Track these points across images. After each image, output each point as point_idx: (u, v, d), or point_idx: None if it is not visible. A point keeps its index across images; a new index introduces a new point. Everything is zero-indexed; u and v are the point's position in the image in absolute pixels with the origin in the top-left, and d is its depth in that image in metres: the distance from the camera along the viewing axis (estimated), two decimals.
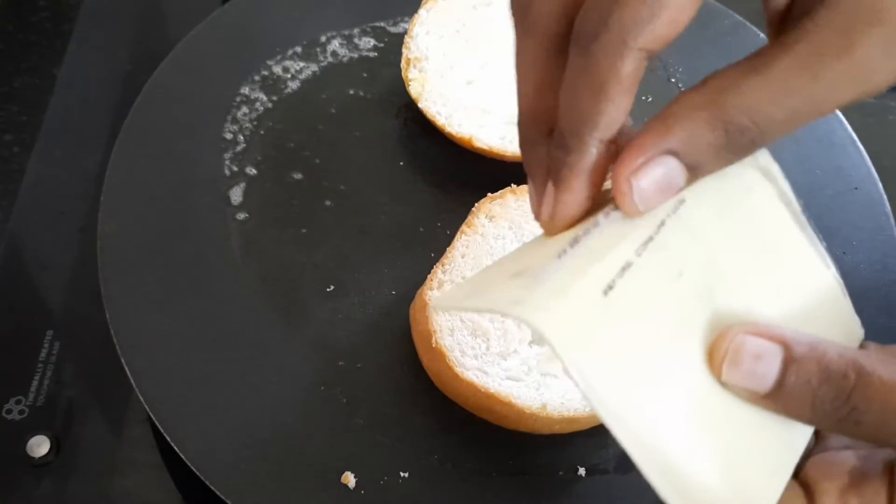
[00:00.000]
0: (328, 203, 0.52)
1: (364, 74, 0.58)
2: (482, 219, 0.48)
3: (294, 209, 0.51)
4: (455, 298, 0.29)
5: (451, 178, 0.54)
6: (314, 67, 0.58)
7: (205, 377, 0.43)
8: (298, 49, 0.58)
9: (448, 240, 0.47)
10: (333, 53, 0.59)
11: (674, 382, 0.25)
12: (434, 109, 0.53)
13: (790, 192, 0.30)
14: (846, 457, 0.29)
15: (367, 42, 0.60)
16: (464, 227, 0.47)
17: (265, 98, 0.56)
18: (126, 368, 0.43)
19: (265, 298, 0.47)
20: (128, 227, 0.48)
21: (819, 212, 0.54)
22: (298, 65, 0.58)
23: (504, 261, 0.29)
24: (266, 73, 0.57)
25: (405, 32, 0.56)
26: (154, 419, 0.41)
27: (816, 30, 0.24)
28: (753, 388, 0.26)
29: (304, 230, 0.51)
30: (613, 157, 0.26)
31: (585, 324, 0.24)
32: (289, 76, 0.57)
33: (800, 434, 0.27)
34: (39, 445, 0.44)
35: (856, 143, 0.58)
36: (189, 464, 0.40)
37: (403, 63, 0.55)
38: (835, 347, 0.26)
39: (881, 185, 0.56)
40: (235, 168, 0.52)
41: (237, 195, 0.51)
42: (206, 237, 0.49)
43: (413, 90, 0.53)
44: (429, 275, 0.45)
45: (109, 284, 0.46)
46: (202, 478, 0.40)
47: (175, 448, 0.40)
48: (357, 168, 0.54)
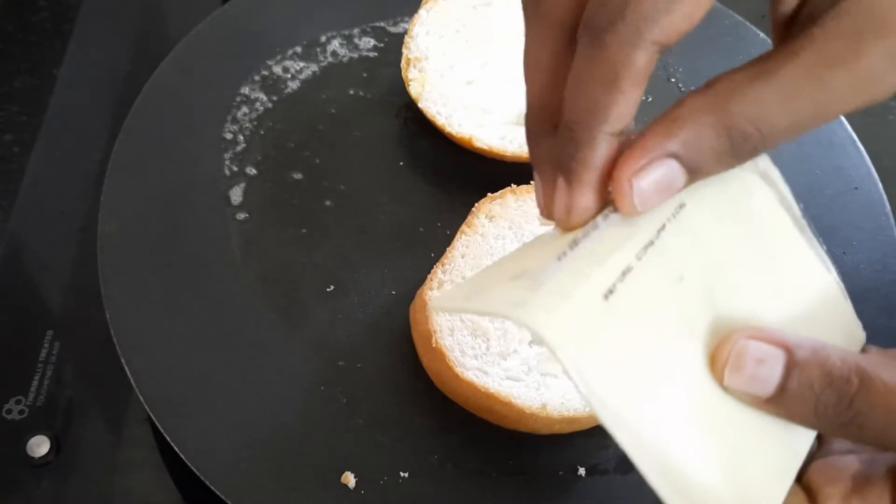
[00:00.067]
0: (328, 203, 0.52)
1: (364, 74, 0.58)
2: (482, 219, 0.48)
3: (294, 209, 0.51)
4: (455, 299, 0.29)
5: (451, 178, 0.54)
6: (314, 67, 0.58)
7: (205, 377, 0.43)
8: (298, 49, 0.58)
9: (448, 240, 0.47)
10: (333, 53, 0.59)
11: (675, 386, 0.25)
12: (434, 109, 0.53)
13: (790, 196, 0.30)
14: (849, 461, 0.29)
15: (367, 42, 0.60)
16: (464, 227, 0.47)
17: (265, 98, 0.56)
18: (126, 368, 0.43)
19: (265, 298, 0.47)
20: (128, 227, 0.48)
21: (819, 212, 0.54)
22: (298, 65, 0.58)
23: (504, 262, 0.29)
24: (266, 73, 0.57)
25: (405, 32, 0.56)
26: (154, 419, 0.41)
27: (824, 38, 0.24)
28: (756, 393, 0.26)
29: (304, 230, 0.51)
30: (619, 152, 0.26)
31: (586, 327, 0.24)
32: (289, 76, 0.57)
33: (802, 438, 0.27)
34: (39, 445, 0.44)
35: (856, 143, 0.58)
36: (189, 464, 0.40)
37: (403, 63, 0.55)
38: (837, 352, 0.26)
39: (881, 185, 0.56)
40: (235, 168, 0.52)
41: (237, 195, 0.51)
42: (206, 237, 0.49)
43: (413, 90, 0.53)
44: (429, 275, 0.45)
45: (109, 284, 0.46)
46: (202, 478, 0.40)
47: (175, 448, 0.40)
48: (357, 168, 0.54)
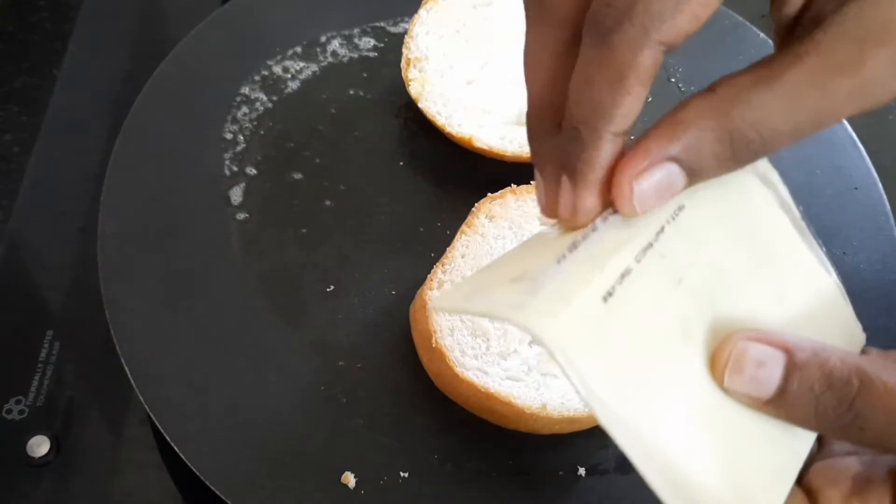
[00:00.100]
0: (328, 203, 0.52)
1: (364, 74, 0.58)
2: (482, 219, 0.48)
3: (294, 209, 0.51)
4: (454, 299, 0.29)
5: (451, 178, 0.54)
6: (314, 67, 0.58)
7: (205, 377, 0.43)
8: (298, 49, 0.58)
9: (448, 240, 0.47)
10: (333, 53, 0.59)
11: (675, 388, 0.25)
12: (434, 109, 0.53)
13: (789, 199, 0.30)
14: (849, 463, 0.29)
15: (367, 42, 0.60)
16: (464, 227, 0.47)
17: (265, 98, 0.56)
18: (126, 368, 0.43)
19: (265, 298, 0.47)
20: (128, 227, 0.48)
21: (819, 212, 0.54)
22: (298, 65, 0.58)
23: (503, 262, 0.29)
24: (266, 73, 0.57)
25: (405, 32, 0.56)
26: (154, 419, 0.41)
27: (828, 43, 0.24)
28: (756, 395, 0.26)
29: (304, 230, 0.51)
30: (623, 152, 0.26)
31: (585, 330, 0.23)
32: (289, 76, 0.57)
33: (803, 440, 0.27)
34: (39, 445, 0.44)
35: (856, 143, 0.58)
36: (189, 464, 0.40)
37: (403, 63, 0.55)
38: (838, 353, 0.26)
39: (881, 185, 0.56)
40: (235, 168, 0.52)
41: (237, 195, 0.51)
42: (206, 237, 0.49)
43: (413, 90, 0.53)
44: (429, 275, 0.45)
45: (109, 284, 0.46)
46: (202, 478, 0.40)
47: (175, 448, 0.40)
48: (357, 168, 0.54)
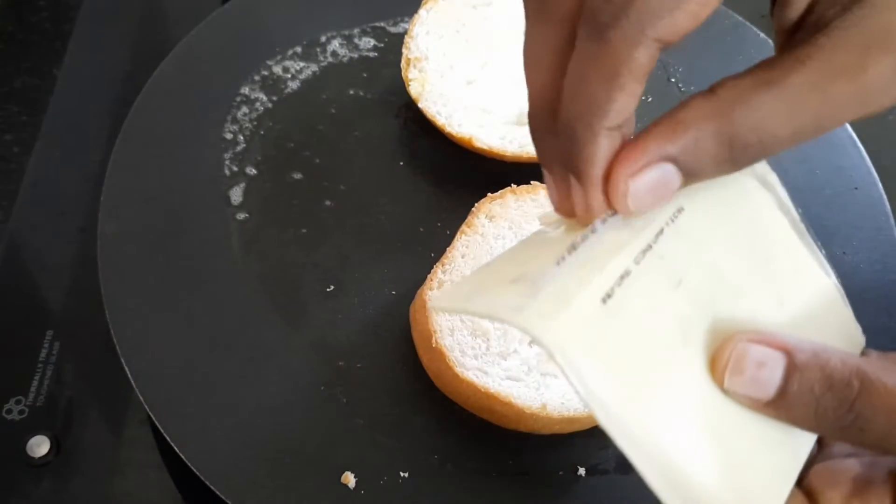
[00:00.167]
0: (328, 203, 0.52)
1: (364, 74, 0.58)
2: (482, 219, 0.48)
3: (294, 209, 0.51)
4: (454, 299, 0.29)
5: (451, 178, 0.54)
6: (314, 67, 0.58)
7: (205, 377, 0.43)
8: (298, 49, 0.58)
9: (448, 240, 0.47)
10: (333, 53, 0.59)
11: (674, 390, 0.25)
12: (434, 109, 0.53)
13: (788, 201, 0.30)
14: (850, 464, 0.29)
15: (367, 42, 0.60)
16: (464, 227, 0.47)
17: (265, 98, 0.56)
18: (126, 368, 0.43)
19: (265, 298, 0.47)
20: (128, 227, 0.48)
21: (819, 212, 0.54)
22: (298, 65, 0.58)
23: (502, 261, 0.29)
24: (266, 73, 0.57)
25: (405, 32, 0.56)
26: (154, 419, 0.41)
27: (831, 47, 0.24)
28: (756, 396, 0.26)
29: (304, 230, 0.51)
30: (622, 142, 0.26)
31: (584, 332, 0.23)
32: (289, 76, 0.57)
33: (803, 441, 0.27)
34: (39, 445, 0.44)
35: (856, 143, 0.58)
36: (189, 464, 0.40)
37: (403, 63, 0.55)
38: (838, 355, 0.26)
39: (881, 185, 0.56)
40: (235, 168, 0.52)
41: (237, 195, 0.51)
42: (206, 237, 0.49)
43: (413, 90, 0.53)
44: (429, 275, 0.45)
45: (109, 284, 0.46)
46: (202, 478, 0.40)
47: (175, 448, 0.40)
48: (357, 168, 0.54)
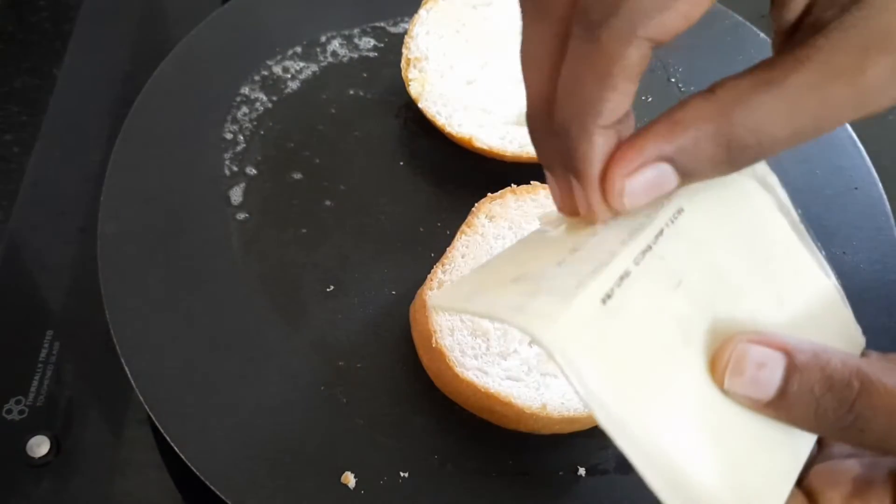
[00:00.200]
0: (328, 203, 0.52)
1: (364, 74, 0.58)
2: (482, 219, 0.48)
3: (294, 209, 0.51)
4: (454, 298, 0.29)
5: (451, 178, 0.54)
6: (314, 67, 0.58)
7: (205, 377, 0.43)
8: (298, 49, 0.58)
9: (448, 240, 0.47)
10: (333, 53, 0.59)
11: (674, 390, 0.25)
12: (434, 109, 0.53)
13: (788, 202, 0.30)
14: (850, 465, 0.29)
15: (367, 42, 0.60)
16: (464, 227, 0.47)
17: (265, 98, 0.56)
18: (126, 368, 0.43)
19: (265, 298, 0.47)
20: (128, 227, 0.48)
21: (819, 212, 0.54)
22: (298, 65, 0.58)
23: (502, 260, 0.29)
24: (266, 73, 0.57)
25: (405, 32, 0.56)
26: (154, 419, 0.41)
27: (829, 49, 0.24)
28: (756, 397, 0.26)
29: (304, 230, 0.51)
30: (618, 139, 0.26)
31: (584, 332, 0.23)
32: (289, 76, 0.57)
33: (803, 442, 0.27)
34: (39, 445, 0.44)
35: (856, 143, 0.58)
36: (189, 464, 0.40)
37: (403, 63, 0.55)
38: (838, 355, 0.26)
39: (881, 185, 0.56)
40: (235, 168, 0.52)
41: (237, 195, 0.51)
42: (206, 237, 0.49)
43: (413, 90, 0.53)
44: (429, 275, 0.45)
45: (109, 284, 0.46)
46: (202, 478, 0.40)
47: (175, 448, 0.40)
48: (357, 168, 0.54)
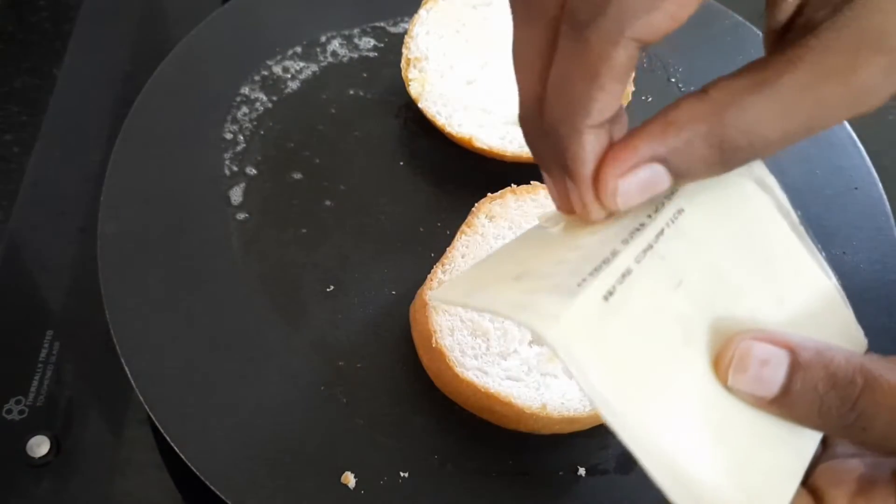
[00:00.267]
0: (328, 203, 0.52)
1: (364, 74, 0.58)
2: (482, 219, 0.48)
3: (294, 209, 0.51)
4: (454, 294, 0.29)
5: (451, 178, 0.54)
6: (314, 67, 0.58)
7: (205, 377, 0.43)
8: (298, 49, 0.58)
9: (448, 240, 0.47)
10: (333, 53, 0.59)
11: (676, 389, 0.25)
12: (434, 109, 0.53)
13: (787, 203, 0.30)
14: (854, 464, 0.29)
15: (367, 42, 0.60)
16: (464, 227, 0.47)
17: (265, 98, 0.56)
18: (126, 368, 0.43)
19: (265, 298, 0.47)
20: (128, 227, 0.48)
21: (819, 212, 0.54)
22: (298, 65, 0.58)
23: (502, 257, 0.29)
24: (266, 73, 0.57)
25: (405, 32, 0.56)
26: (154, 419, 0.41)
27: (821, 49, 0.24)
28: (760, 394, 0.26)
29: (304, 230, 0.51)
30: (610, 139, 0.26)
31: (587, 329, 0.24)
32: (289, 76, 0.57)
33: (808, 440, 0.27)
34: (39, 445, 0.44)
35: (856, 143, 0.58)
36: (189, 464, 0.40)
37: (403, 63, 0.55)
38: (842, 353, 0.26)
39: (881, 185, 0.56)
40: (235, 168, 0.52)
41: (237, 195, 0.51)
42: (206, 237, 0.49)
43: (413, 90, 0.53)
44: (429, 275, 0.45)
45: (109, 284, 0.46)
46: (202, 478, 0.40)
47: (175, 448, 0.40)
48: (357, 168, 0.54)
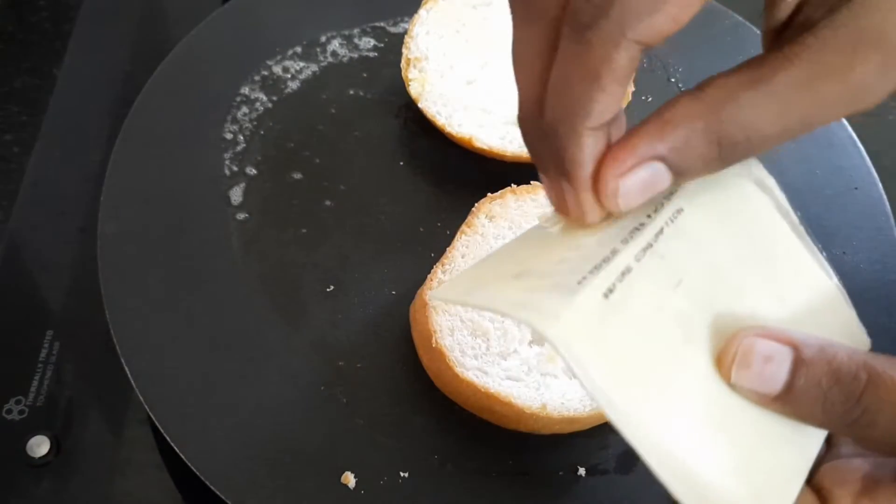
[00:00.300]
0: (328, 203, 0.52)
1: (364, 74, 0.58)
2: (482, 219, 0.48)
3: (294, 209, 0.51)
4: (454, 292, 0.29)
5: (451, 178, 0.54)
6: (314, 67, 0.58)
7: (205, 377, 0.43)
8: (298, 49, 0.58)
9: (448, 240, 0.47)
10: (333, 53, 0.59)
11: (679, 386, 0.25)
12: (434, 109, 0.53)
13: (786, 204, 0.30)
14: (858, 464, 0.29)
15: (367, 42, 0.60)
16: (464, 227, 0.47)
17: (265, 98, 0.56)
18: (126, 368, 0.43)
19: (265, 298, 0.47)
20: (128, 227, 0.48)
21: (819, 212, 0.54)
22: (298, 65, 0.58)
23: (502, 257, 0.29)
24: (266, 73, 0.57)
25: (405, 32, 0.56)
26: (154, 419, 0.41)
27: (819, 47, 0.24)
28: (763, 391, 0.26)
29: (304, 230, 0.51)
30: (608, 141, 0.26)
31: (587, 326, 0.24)
32: (289, 76, 0.57)
33: (812, 439, 0.27)
34: (39, 445, 0.44)
35: (856, 143, 0.58)
36: (189, 464, 0.40)
37: (403, 63, 0.55)
38: (845, 349, 0.26)
39: (881, 185, 0.56)
40: (235, 168, 0.52)
41: (237, 195, 0.51)
42: (206, 237, 0.49)
43: (413, 90, 0.53)
44: (429, 275, 0.45)
45: (109, 284, 0.46)
46: (202, 478, 0.40)
47: (175, 448, 0.40)
48: (357, 168, 0.54)
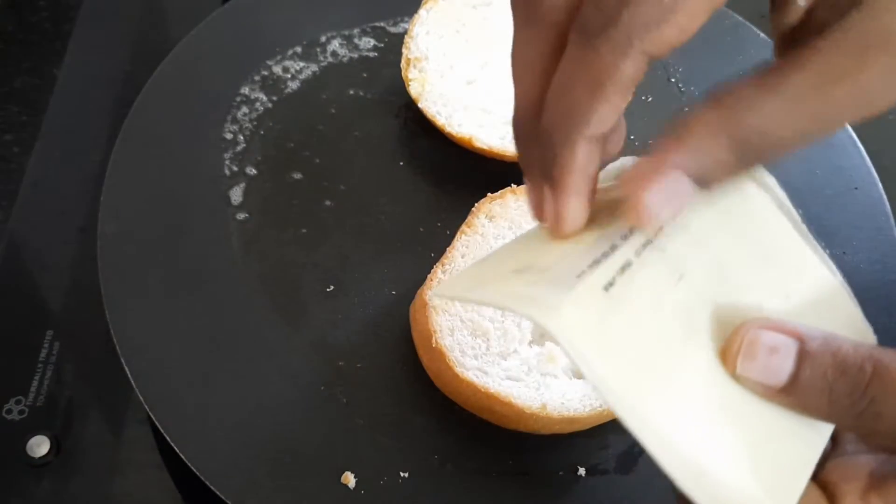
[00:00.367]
0: (328, 203, 0.52)
1: (364, 74, 0.58)
2: (482, 219, 0.48)
3: (294, 209, 0.51)
4: (455, 289, 0.29)
5: (451, 178, 0.54)
6: (314, 67, 0.58)
7: (205, 377, 0.43)
8: (298, 49, 0.58)
9: (448, 240, 0.47)
10: (333, 53, 0.59)
11: (682, 380, 0.25)
12: (434, 109, 0.53)
13: (787, 202, 0.30)
14: (865, 460, 0.29)
15: (367, 42, 0.60)
16: (464, 227, 0.47)
17: (265, 98, 0.56)
18: (126, 368, 0.43)
19: (265, 298, 0.47)
20: (128, 227, 0.48)
21: (819, 212, 0.54)
22: (298, 65, 0.58)
23: (502, 255, 0.29)
24: (266, 73, 0.57)
25: (405, 32, 0.56)
26: (154, 419, 0.41)
27: (830, 50, 0.24)
28: (768, 383, 0.26)
29: (304, 230, 0.51)
30: (602, 153, 0.26)
31: (589, 320, 0.24)
32: (289, 76, 0.57)
33: (818, 433, 0.27)
34: (39, 445, 0.44)
35: (856, 143, 0.58)
36: (189, 464, 0.40)
37: (403, 63, 0.55)
38: (850, 341, 0.26)
39: (881, 185, 0.56)
40: (235, 168, 0.52)
41: (237, 195, 0.51)
42: (206, 237, 0.49)
43: (413, 90, 0.53)
44: (429, 275, 0.45)
45: (109, 284, 0.46)
46: (202, 478, 0.40)
47: (175, 448, 0.40)
48: (357, 168, 0.54)
